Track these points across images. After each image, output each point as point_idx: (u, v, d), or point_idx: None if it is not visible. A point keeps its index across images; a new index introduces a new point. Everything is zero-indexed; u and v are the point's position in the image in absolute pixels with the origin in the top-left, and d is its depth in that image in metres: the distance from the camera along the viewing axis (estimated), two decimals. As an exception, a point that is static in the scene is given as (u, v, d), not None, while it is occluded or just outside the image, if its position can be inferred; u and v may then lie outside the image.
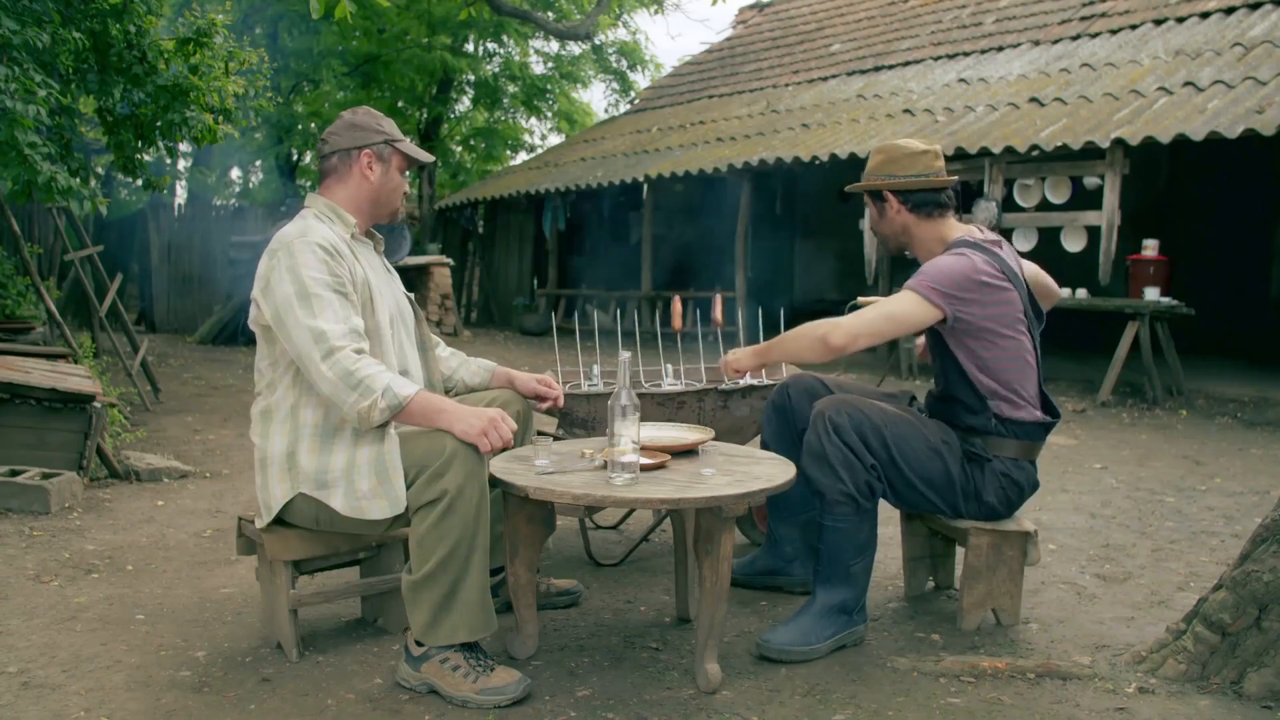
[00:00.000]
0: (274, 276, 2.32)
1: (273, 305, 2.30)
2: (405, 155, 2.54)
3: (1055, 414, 2.71)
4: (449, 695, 2.26)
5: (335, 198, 2.51)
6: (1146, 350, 7.30)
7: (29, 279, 6.37)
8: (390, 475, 2.27)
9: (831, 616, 2.57)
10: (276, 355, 2.39)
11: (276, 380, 2.40)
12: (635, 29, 21.38)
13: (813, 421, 2.59)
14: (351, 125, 2.51)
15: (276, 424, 2.38)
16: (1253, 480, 4.88)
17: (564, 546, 3.51)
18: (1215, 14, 9.58)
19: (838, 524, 2.56)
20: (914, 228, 2.70)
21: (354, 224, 2.49)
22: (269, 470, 2.38)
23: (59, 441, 4.23)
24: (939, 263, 2.56)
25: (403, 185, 2.57)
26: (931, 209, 2.68)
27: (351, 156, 2.49)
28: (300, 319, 2.26)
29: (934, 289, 2.51)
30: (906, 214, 2.69)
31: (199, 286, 13.49)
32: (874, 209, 2.75)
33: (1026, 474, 2.69)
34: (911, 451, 2.58)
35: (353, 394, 2.22)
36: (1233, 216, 10.09)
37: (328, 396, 2.28)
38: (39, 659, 2.48)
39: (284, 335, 2.30)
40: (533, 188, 13.37)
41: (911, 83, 11.19)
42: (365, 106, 2.63)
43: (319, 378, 2.25)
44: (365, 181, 2.50)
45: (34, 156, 4.50)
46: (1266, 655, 2.27)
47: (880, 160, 2.71)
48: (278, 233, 2.40)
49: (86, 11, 5.33)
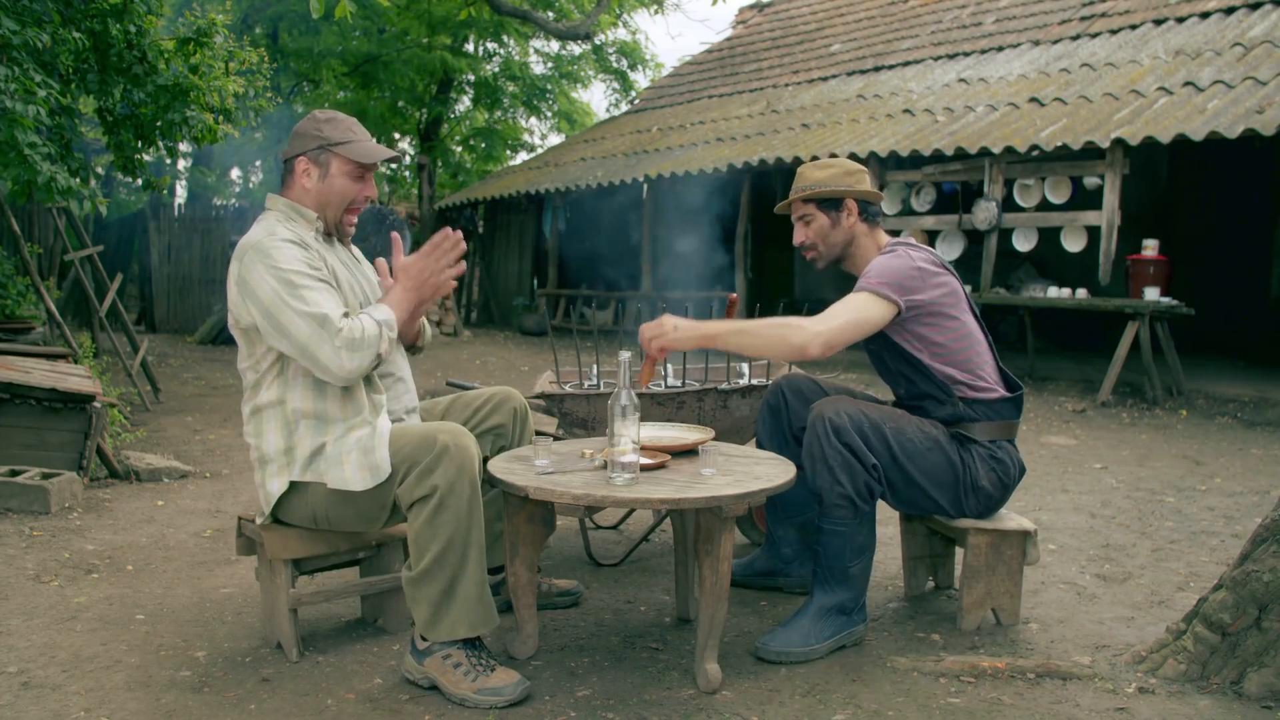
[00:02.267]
0: (252, 277, 2.30)
1: (259, 304, 2.29)
2: (346, 159, 2.46)
3: (1017, 386, 2.77)
4: (448, 692, 2.27)
5: (291, 199, 2.50)
6: (1146, 350, 7.30)
7: (29, 279, 6.37)
8: (375, 447, 2.31)
9: (830, 617, 2.57)
10: (259, 356, 2.40)
11: (261, 379, 2.41)
12: (635, 29, 21.38)
13: (811, 424, 2.59)
14: (295, 132, 2.50)
15: (269, 420, 2.39)
16: (1253, 480, 4.88)
17: (564, 546, 3.51)
18: (1215, 14, 9.58)
19: (836, 527, 2.56)
20: (861, 236, 2.82)
21: (315, 219, 2.48)
22: (267, 467, 2.40)
23: (59, 441, 4.24)
24: (878, 263, 2.67)
25: (349, 188, 2.49)
26: (878, 217, 2.85)
27: (291, 164, 2.49)
28: (295, 309, 2.26)
29: (884, 284, 2.59)
30: (859, 222, 2.81)
31: (199, 286, 13.49)
32: (825, 219, 2.81)
33: (1010, 454, 2.72)
34: (913, 446, 2.60)
35: (368, 350, 2.29)
36: (1233, 216, 10.09)
37: (346, 373, 2.28)
38: (39, 659, 2.48)
39: (278, 330, 2.28)
40: (533, 188, 13.37)
41: (911, 83, 11.19)
42: (325, 110, 2.58)
43: (333, 356, 2.26)
44: (303, 189, 2.48)
45: (34, 156, 4.50)
46: (1266, 655, 2.27)
47: (835, 173, 2.83)
48: (243, 238, 2.39)
49: (86, 11, 5.33)
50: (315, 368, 2.29)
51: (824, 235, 2.83)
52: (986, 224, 8.32)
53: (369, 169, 2.51)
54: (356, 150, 2.46)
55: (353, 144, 2.47)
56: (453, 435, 2.27)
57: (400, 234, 11.85)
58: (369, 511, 2.37)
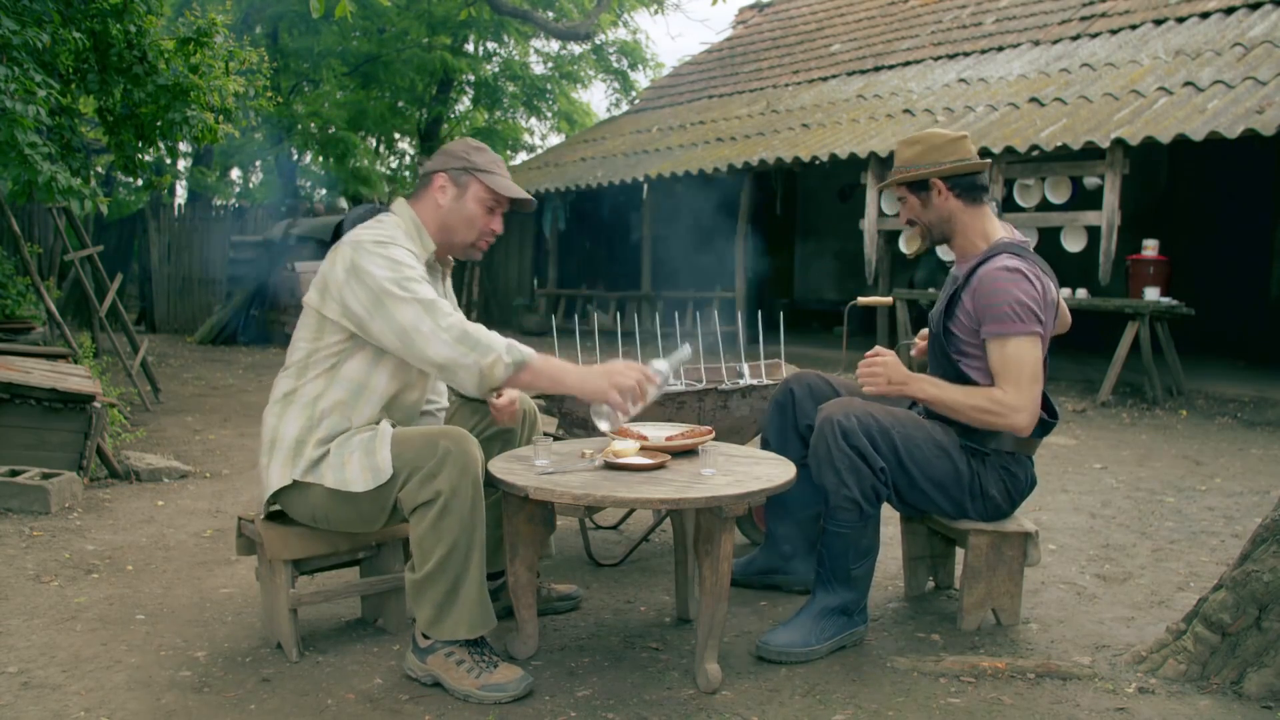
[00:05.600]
0: (366, 264, 2.31)
1: (368, 289, 2.29)
2: (486, 187, 2.50)
3: (1054, 414, 2.71)
4: (452, 689, 2.28)
5: (417, 213, 2.52)
6: (1146, 350, 7.30)
7: (29, 279, 6.37)
8: (376, 448, 2.31)
9: (831, 618, 2.56)
10: (323, 343, 2.40)
11: (310, 366, 2.41)
12: (635, 29, 21.40)
13: (819, 426, 2.57)
14: (443, 150, 2.55)
15: (296, 409, 2.40)
16: (1253, 480, 4.88)
17: (564, 547, 3.51)
18: (1215, 14, 9.58)
19: (841, 529, 2.55)
20: (960, 214, 2.66)
21: (432, 250, 2.51)
22: (276, 452, 2.40)
23: (59, 441, 4.23)
24: (1014, 294, 2.49)
25: (479, 217, 2.52)
26: (977, 194, 2.66)
27: (430, 178, 2.52)
28: (404, 296, 2.28)
29: (1032, 319, 2.50)
30: (953, 200, 2.65)
31: (199, 286, 13.50)
32: (915, 200, 2.69)
33: (1024, 468, 2.69)
34: (920, 452, 2.57)
35: (473, 353, 2.25)
36: (1233, 216, 10.08)
37: (442, 358, 2.26)
38: (39, 659, 2.48)
39: (382, 315, 2.28)
40: (533, 188, 13.36)
41: (911, 83, 11.19)
42: (477, 141, 2.62)
43: (432, 342, 2.25)
44: (435, 204, 2.50)
45: (34, 156, 4.50)
46: (1266, 655, 2.27)
47: (920, 150, 2.68)
48: (360, 230, 2.41)
49: (86, 11, 5.34)
50: (410, 349, 2.27)
51: (919, 215, 2.71)
52: (986, 224, 8.31)
53: (502, 204, 2.56)
54: (497, 181, 2.52)
55: (495, 176, 2.52)
56: (456, 440, 2.27)
57: None
58: (369, 513, 2.37)
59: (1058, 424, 2.78)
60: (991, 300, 2.51)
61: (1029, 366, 2.49)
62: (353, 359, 2.40)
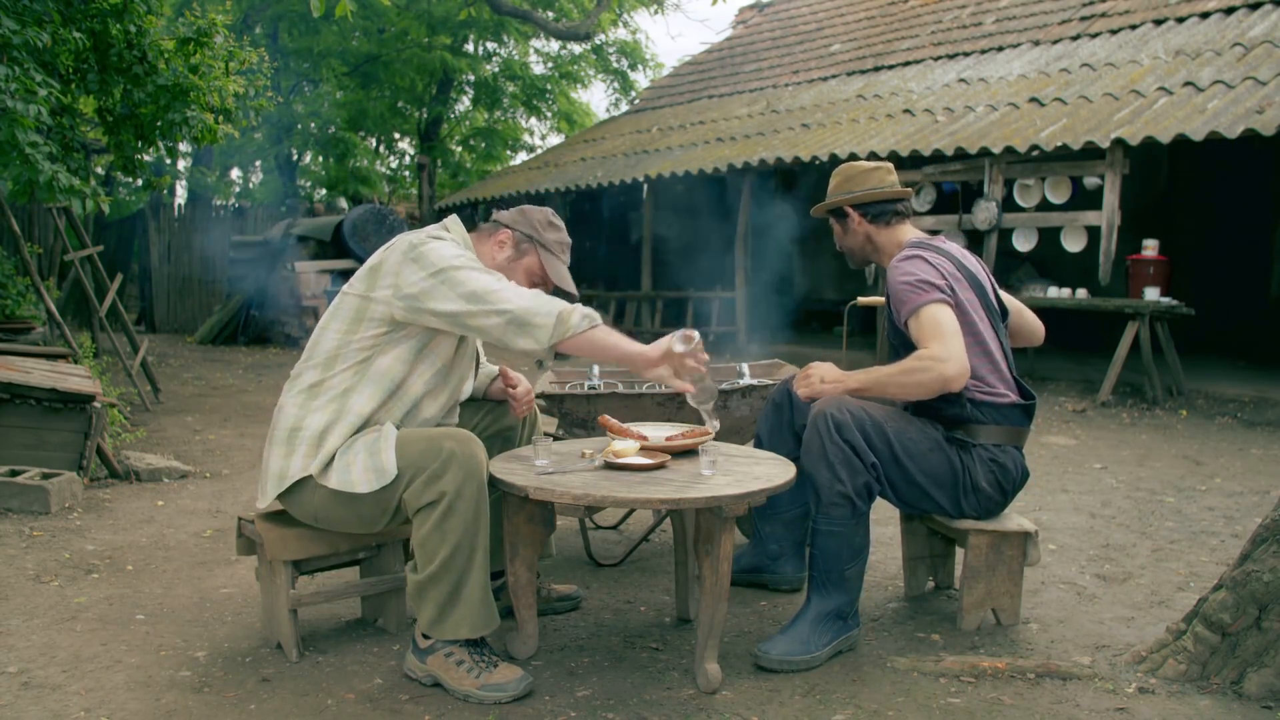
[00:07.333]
0: (427, 248, 2.36)
1: (428, 267, 2.32)
2: (542, 266, 2.59)
3: (1030, 396, 2.75)
4: (452, 689, 2.28)
5: (474, 245, 2.59)
6: (1146, 350, 7.30)
7: (29, 279, 6.37)
8: (382, 449, 2.31)
9: (828, 623, 2.55)
10: (356, 336, 2.41)
11: (341, 358, 2.41)
12: (635, 29, 21.38)
13: (812, 420, 2.58)
14: (523, 209, 2.65)
15: (323, 400, 2.39)
16: (1253, 480, 4.88)
17: (564, 547, 3.51)
18: (1215, 14, 9.58)
19: (833, 527, 2.55)
20: (875, 235, 2.87)
21: None
22: (296, 441, 2.38)
23: (59, 441, 4.24)
24: (908, 273, 2.63)
25: (522, 283, 2.56)
26: (889, 217, 2.85)
27: (497, 228, 2.61)
28: (472, 268, 2.34)
29: (935, 288, 2.58)
30: (867, 224, 2.86)
31: (199, 286, 13.50)
32: (838, 227, 2.95)
33: (1013, 459, 2.70)
34: (914, 446, 2.59)
35: (550, 303, 2.29)
36: (1233, 216, 10.08)
37: (518, 310, 2.26)
38: (39, 659, 2.48)
39: (444, 288, 2.30)
40: (533, 188, 13.37)
41: (911, 83, 11.19)
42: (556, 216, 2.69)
43: (509, 296, 2.28)
44: (490, 254, 2.58)
45: (35, 156, 4.50)
46: (1266, 655, 2.27)
47: (839, 181, 2.90)
48: (420, 230, 2.48)
49: (86, 11, 5.34)
50: (480, 308, 2.28)
51: (841, 241, 2.96)
52: (986, 224, 8.31)
53: (547, 285, 2.62)
54: (554, 266, 2.60)
55: (555, 260, 2.61)
56: (460, 442, 2.27)
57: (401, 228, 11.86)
58: (371, 514, 2.36)
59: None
60: (894, 290, 2.66)
61: (946, 324, 2.54)
62: (386, 355, 2.41)
